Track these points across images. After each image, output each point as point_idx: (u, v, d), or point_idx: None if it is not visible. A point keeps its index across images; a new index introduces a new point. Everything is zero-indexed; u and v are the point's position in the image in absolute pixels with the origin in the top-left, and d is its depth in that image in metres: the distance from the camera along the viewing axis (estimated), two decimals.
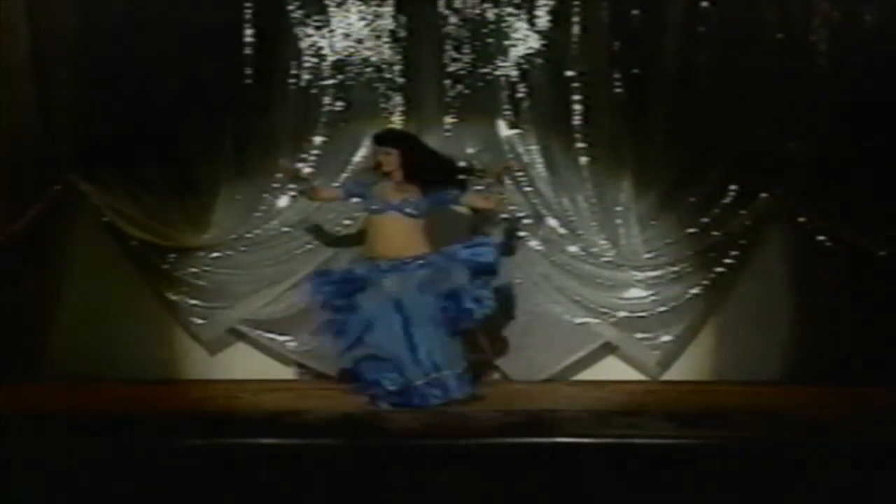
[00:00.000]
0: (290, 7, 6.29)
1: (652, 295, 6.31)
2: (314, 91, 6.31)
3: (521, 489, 4.32)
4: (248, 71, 6.27)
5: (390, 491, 4.30)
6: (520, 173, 6.27)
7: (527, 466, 4.37)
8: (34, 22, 6.19)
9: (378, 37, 6.32)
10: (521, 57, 6.32)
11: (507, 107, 6.34)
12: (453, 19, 6.32)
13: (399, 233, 5.66)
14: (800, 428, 4.84)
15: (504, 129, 6.36)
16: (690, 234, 6.31)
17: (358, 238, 6.25)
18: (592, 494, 4.31)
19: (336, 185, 6.07)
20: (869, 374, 5.89)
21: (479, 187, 5.97)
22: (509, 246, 6.20)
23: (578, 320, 6.29)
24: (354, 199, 5.91)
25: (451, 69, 6.32)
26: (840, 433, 4.74)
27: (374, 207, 5.71)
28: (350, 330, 5.56)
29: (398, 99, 6.33)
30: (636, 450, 4.44)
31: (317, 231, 6.32)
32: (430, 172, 5.72)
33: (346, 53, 6.32)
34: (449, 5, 6.31)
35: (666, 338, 6.29)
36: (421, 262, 5.61)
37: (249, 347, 6.41)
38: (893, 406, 5.33)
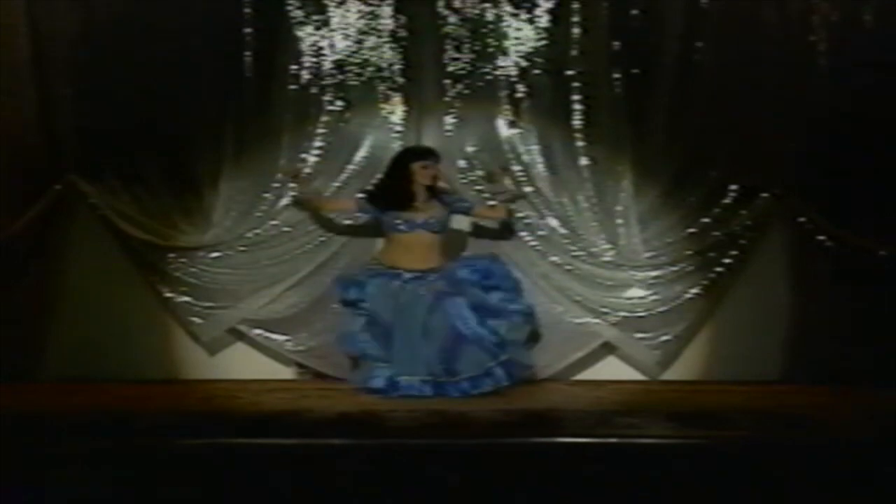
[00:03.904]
0: (290, 7, 6.29)
1: (652, 295, 6.30)
2: (314, 91, 6.31)
3: (521, 489, 4.32)
4: (248, 71, 6.27)
5: (390, 491, 4.30)
6: (518, 170, 6.29)
7: (527, 466, 4.36)
8: (34, 22, 6.19)
9: (378, 37, 6.32)
10: (521, 57, 6.33)
11: (507, 107, 6.35)
12: (453, 19, 6.32)
13: (425, 248, 5.84)
14: (800, 428, 4.84)
15: (504, 129, 6.36)
16: (690, 234, 6.31)
17: (358, 236, 6.28)
18: (592, 494, 4.31)
19: (360, 195, 6.05)
20: (869, 374, 5.89)
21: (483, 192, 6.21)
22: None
23: (578, 320, 6.29)
24: (365, 215, 6.05)
25: (451, 69, 6.32)
26: (840, 433, 4.73)
27: (401, 228, 5.82)
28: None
29: (398, 99, 6.33)
30: (636, 450, 4.44)
31: (317, 230, 6.32)
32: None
33: (346, 53, 6.32)
34: (449, 5, 6.31)
35: (666, 338, 6.29)
36: (444, 273, 5.80)
37: (249, 347, 6.41)
38: (893, 406, 5.33)
